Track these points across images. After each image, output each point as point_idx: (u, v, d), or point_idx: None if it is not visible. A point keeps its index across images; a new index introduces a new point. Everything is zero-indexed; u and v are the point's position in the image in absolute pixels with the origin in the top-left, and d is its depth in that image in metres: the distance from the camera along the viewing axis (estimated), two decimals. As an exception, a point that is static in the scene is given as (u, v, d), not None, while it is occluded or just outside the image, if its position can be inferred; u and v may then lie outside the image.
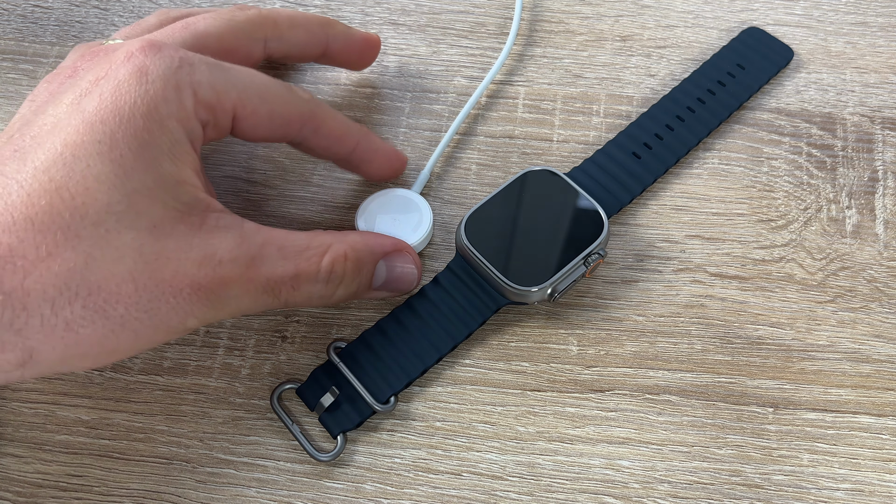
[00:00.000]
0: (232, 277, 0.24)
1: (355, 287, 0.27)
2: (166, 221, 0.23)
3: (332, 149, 0.29)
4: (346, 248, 0.26)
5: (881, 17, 0.37)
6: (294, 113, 0.27)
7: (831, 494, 0.27)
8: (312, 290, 0.26)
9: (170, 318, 0.23)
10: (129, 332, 0.22)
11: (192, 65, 0.24)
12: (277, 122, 0.26)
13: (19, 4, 0.38)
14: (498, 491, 0.27)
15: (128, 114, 0.22)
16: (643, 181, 0.32)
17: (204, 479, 0.27)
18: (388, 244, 0.28)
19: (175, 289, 0.23)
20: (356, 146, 0.29)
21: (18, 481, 0.27)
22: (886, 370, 0.29)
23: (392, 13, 0.37)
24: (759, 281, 0.31)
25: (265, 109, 0.26)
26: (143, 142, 0.22)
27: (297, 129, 0.27)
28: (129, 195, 0.22)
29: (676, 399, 0.28)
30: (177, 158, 0.23)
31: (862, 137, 0.34)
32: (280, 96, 0.26)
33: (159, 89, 0.23)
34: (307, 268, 0.25)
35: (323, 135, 0.28)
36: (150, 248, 0.22)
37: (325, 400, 0.27)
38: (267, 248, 0.25)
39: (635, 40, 0.37)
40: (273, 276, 0.25)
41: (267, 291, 0.25)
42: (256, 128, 0.26)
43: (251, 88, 0.25)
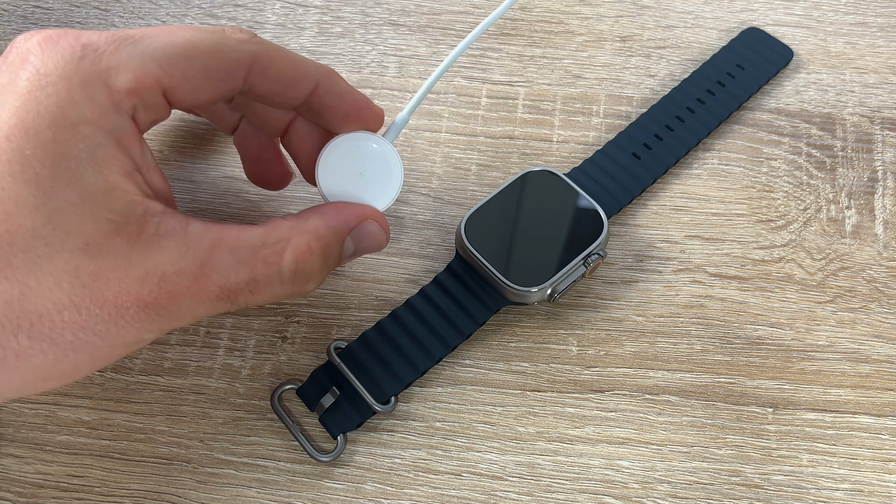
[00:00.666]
0: (180, 290, 0.21)
1: (326, 273, 0.25)
2: (99, 237, 0.20)
3: (287, 93, 0.25)
4: (308, 238, 0.24)
5: (881, 18, 0.37)
6: (232, 61, 0.23)
7: (831, 494, 0.27)
8: (277, 291, 0.23)
9: (123, 336, 0.21)
10: (84, 354, 0.21)
11: (96, 51, 0.21)
12: (217, 77, 0.23)
13: (20, 5, 0.38)
14: (498, 491, 0.27)
15: (33, 126, 0.20)
16: (643, 181, 0.32)
17: (204, 480, 0.27)
18: (351, 219, 0.25)
19: (121, 309, 0.21)
20: (315, 88, 0.25)
21: (19, 482, 0.27)
22: (886, 370, 0.29)
23: (392, 13, 0.37)
24: (759, 281, 0.31)
25: (196, 69, 0.22)
26: (55, 155, 0.20)
27: (243, 77, 0.23)
28: (53, 215, 0.20)
29: (676, 399, 0.28)
30: (100, 165, 0.21)
31: (861, 138, 0.34)
32: (210, 48, 0.22)
33: (62, 91, 0.20)
34: (265, 270, 0.23)
35: (272, 77, 0.24)
36: (86, 270, 0.20)
37: (326, 400, 0.27)
38: (217, 253, 0.22)
39: (635, 41, 0.37)
40: (227, 285, 0.22)
41: (222, 299, 0.22)
42: (196, 92, 0.23)
43: (173, 52, 0.22)
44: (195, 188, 0.33)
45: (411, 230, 0.32)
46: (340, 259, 0.25)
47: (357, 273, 0.31)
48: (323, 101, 0.25)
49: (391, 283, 0.31)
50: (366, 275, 0.31)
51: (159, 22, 0.37)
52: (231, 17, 0.37)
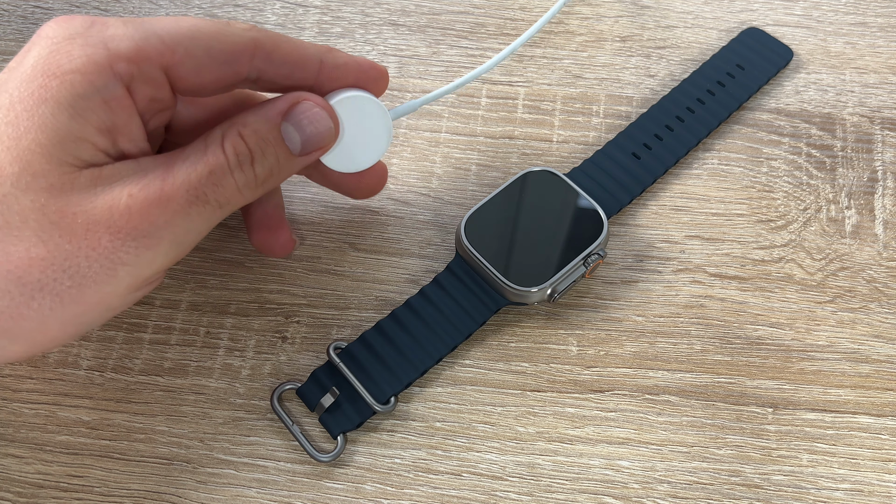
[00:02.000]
0: (150, 204, 0.22)
1: (273, 159, 0.25)
2: (64, 178, 0.21)
3: (295, 75, 0.25)
4: (237, 127, 0.24)
5: (881, 18, 0.37)
6: (237, 45, 0.24)
7: (830, 494, 0.27)
8: (234, 180, 0.24)
9: (96, 273, 0.21)
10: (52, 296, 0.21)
11: (104, 23, 0.22)
12: (221, 59, 0.23)
13: (20, 6, 0.38)
14: (498, 491, 0.27)
15: (28, 73, 0.21)
16: (643, 182, 0.32)
17: (204, 480, 0.27)
18: (281, 103, 0.25)
19: (91, 241, 0.21)
20: (321, 66, 0.26)
21: (19, 482, 0.27)
22: (886, 370, 0.29)
23: (392, 14, 0.37)
24: (759, 281, 0.31)
25: (201, 50, 0.23)
26: (38, 99, 0.21)
27: (248, 62, 0.24)
28: (22, 155, 0.21)
29: (676, 399, 0.28)
30: (77, 114, 0.21)
31: (861, 138, 0.34)
32: (215, 33, 0.23)
33: (63, 47, 0.21)
34: (215, 161, 0.23)
35: (278, 61, 0.25)
36: (53, 207, 0.21)
37: (326, 400, 0.27)
38: (174, 163, 0.23)
39: (635, 41, 0.37)
40: (191, 182, 0.23)
41: (193, 203, 0.23)
42: (199, 73, 0.23)
43: (177, 32, 0.23)
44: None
45: (411, 230, 0.32)
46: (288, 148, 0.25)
47: (357, 273, 0.31)
48: (331, 75, 0.26)
49: (391, 283, 0.31)
50: (366, 275, 0.31)
51: (159, 22, 0.37)
52: (231, 17, 0.37)
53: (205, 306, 0.30)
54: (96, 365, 0.29)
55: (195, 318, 0.30)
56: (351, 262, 0.31)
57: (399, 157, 0.33)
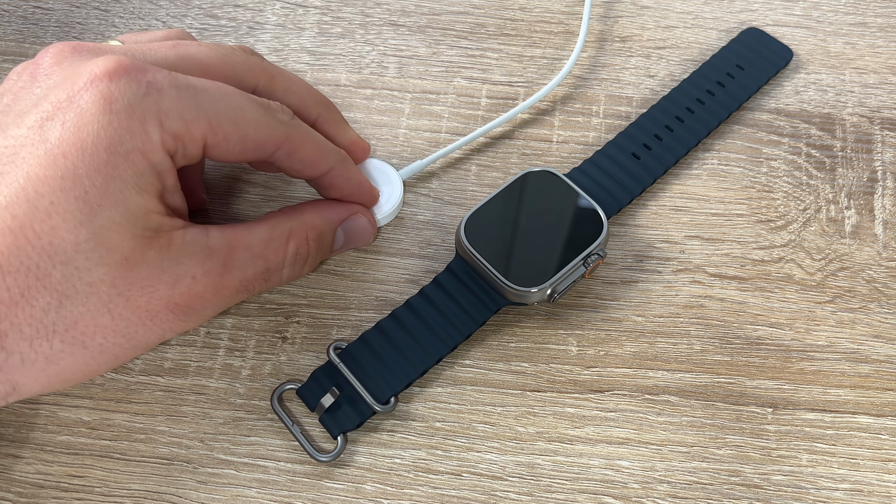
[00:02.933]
0: (207, 289, 0.24)
1: (319, 260, 0.28)
2: (136, 252, 0.22)
3: (304, 172, 0.27)
4: (306, 229, 0.27)
5: (880, 18, 0.37)
6: (269, 137, 0.25)
7: (830, 494, 0.27)
8: (281, 275, 0.27)
9: (147, 337, 0.24)
10: (108, 355, 0.23)
11: (160, 91, 0.23)
12: (250, 146, 0.25)
13: (20, 6, 0.38)
14: (498, 491, 0.27)
15: (91, 147, 0.22)
16: (642, 182, 0.32)
17: (204, 480, 0.27)
18: (343, 212, 0.29)
19: (151, 313, 0.23)
20: (329, 171, 0.28)
21: (19, 482, 0.27)
22: (885, 370, 0.29)
23: (392, 14, 0.37)
24: (759, 281, 0.31)
25: (238, 135, 0.25)
26: (107, 176, 0.22)
27: (271, 152, 0.26)
28: (97, 232, 0.22)
29: (676, 399, 0.28)
30: (142, 190, 0.23)
31: (861, 138, 0.34)
32: (255, 120, 0.25)
33: (124, 121, 0.22)
34: (275, 259, 0.26)
35: (297, 159, 0.27)
36: (123, 281, 0.22)
37: (326, 400, 0.27)
38: (236, 251, 0.25)
39: (635, 41, 0.37)
40: (245, 278, 0.25)
41: (241, 291, 0.26)
42: (228, 153, 0.25)
43: (224, 114, 0.24)
44: (195, 188, 0.33)
45: (411, 230, 0.32)
46: (332, 248, 0.29)
47: (357, 273, 0.31)
48: (332, 182, 0.28)
49: (391, 283, 0.31)
50: (366, 275, 0.31)
51: (159, 23, 0.37)
52: (231, 17, 0.37)
53: (205, 306, 0.30)
54: (97, 365, 0.29)
55: (195, 318, 0.30)
56: (351, 262, 0.31)
57: (399, 157, 0.33)
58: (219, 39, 0.37)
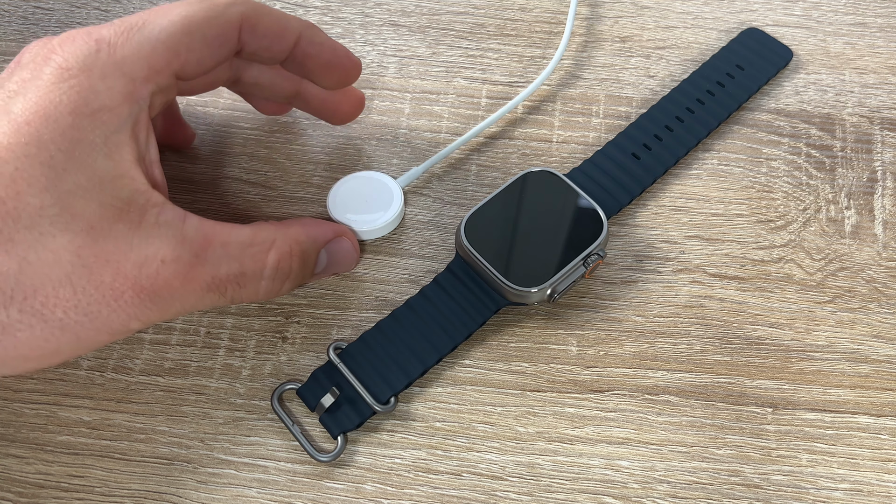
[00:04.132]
0: (175, 278, 0.23)
1: (300, 279, 0.27)
2: (103, 221, 0.22)
3: (274, 47, 0.26)
4: (290, 243, 0.26)
5: (880, 18, 0.37)
6: (225, 24, 0.25)
7: (830, 494, 0.27)
8: (259, 286, 0.26)
9: (111, 320, 0.22)
10: (70, 334, 0.22)
11: (109, 43, 0.22)
12: (215, 43, 0.24)
13: (20, 6, 0.38)
14: (498, 491, 0.27)
15: (54, 112, 0.21)
16: (642, 182, 0.32)
17: (205, 480, 0.27)
18: (328, 232, 0.28)
19: (116, 292, 0.22)
20: (298, 40, 0.26)
21: (20, 482, 0.27)
22: (885, 370, 0.29)
23: (392, 14, 0.37)
24: (758, 281, 0.31)
25: (197, 41, 0.24)
26: (73, 140, 0.21)
27: (237, 37, 0.25)
28: (62, 197, 0.21)
29: (675, 399, 0.28)
30: (112, 152, 0.22)
31: (861, 138, 0.34)
32: (205, 17, 0.24)
33: (84, 82, 0.22)
34: (253, 266, 0.25)
35: (260, 33, 0.25)
36: (88, 251, 0.22)
37: (326, 400, 0.27)
38: (210, 245, 0.24)
39: (635, 41, 0.37)
40: (218, 276, 0.24)
41: (212, 290, 0.24)
42: (201, 62, 0.24)
43: (175, 31, 0.23)
44: (195, 188, 0.33)
45: (411, 230, 0.32)
46: (314, 270, 0.28)
47: (357, 273, 0.31)
48: (305, 51, 0.27)
49: (391, 283, 0.31)
50: (366, 275, 0.31)
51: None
52: (231, 17, 0.37)
53: (205, 306, 0.30)
54: (97, 365, 0.29)
55: (195, 318, 0.30)
56: (351, 263, 0.31)
57: (399, 157, 0.33)
58: (219, 39, 0.37)
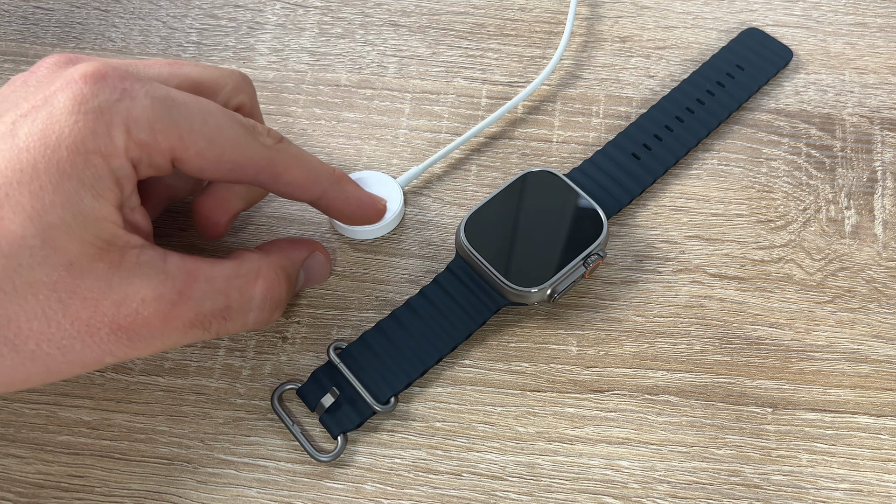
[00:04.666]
0: (155, 317, 0.23)
1: (287, 302, 0.27)
2: (83, 258, 0.22)
3: (295, 195, 0.26)
4: (276, 269, 0.26)
5: (880, 18, 0.37)
6: (248, 160, 0.24)
7: (830, 494, 0.27)
8: (247, 318, 0.25)
9: (84, 355, 0.22)
10: (41, 365, 0.22)
11: (133, 98, 0.22)
12: (227, 166, 0.24)
13: (20, 6, 0.38)
14: (498, 491, 0.27)
15: (54, 144, 0.21)
16: (642, 182, 0.32)
17: (205, 480, 0.27)
18: (304, 250, 0.28)
19: (91, 329, 0.22)
20: (323, 194, 0.27)
21: (20, 482, 0.27)
22: (885, 370, 0.29)
23: (392, 14, 0.37)
24: (758, 281, 0.31)
25: (213, 153, 0.24)
26: (63, 174, 0.21)
27: (252, 175, 0.25)
28: (45, 229, 0.21)
29: (675, 399, 0.28)
30: (99, 195, 0.22)
31: (861, 138, 0.34)
32: (233, 140, 0.24)
33: (90, 122, 0.22)
34: (239, 298, 0.25)
35: (283, 182, 0.26)
36: (65, 286, 0.21)
37: (326, 400, 0.27)
38: (194, 281, 0.23)
39: (635, 41, 0.37)
40: (202, 312, 0.24)
41: (195, 326, 0.24)
42: (203, 170, 0.24)
43: (199, 129, 0.23)
44: (195, 189, 0.33)
45: (411, 230, 0.32)
46: (295, 289, 0.28)
47: (357, 273, 0.31)
48: (331, 204, 0.27)
49: (391, 283, 0.31)
50: (366, 275, 0.31)
51: (159, 23, 0.37)
52: (231, 17, 0.37)
53: (205, 306, 0.30)
54: (97, 365, 0.29)
55: (195, 318, 0.30)
56: (351, 262, 0.31)
57: (399, 157, 0.33)
58: (219, 39, 0.37)
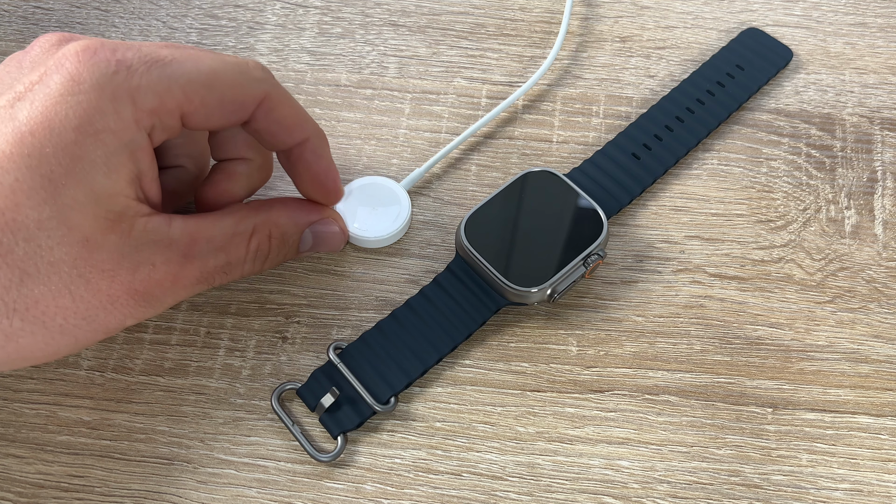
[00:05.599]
0: (166, 278, 0.24)
1: (282, 257, 0.28)
2: (97, 233, 0.22)
3: (279, 136, 0.26)
4: (270, 226, 0.27)
5: (880, 18, 0.37)
6: (247, 96, 0.25)
7: (830, 494, 0.27)
8: (242, 269, 0.27)
9: (108, 321, 0.24)
10: (69, 337, 0.23)
11: (129, 68, 0.22)
12: (230, 107, 0.25)
13: (20, 6, 0.38)
14: (498, 491, 0.27)
15: (59, 126, 0.21)
16: (642, 182, 0.32)
17: (205, 480, 0.27)
18: (313, 215, 0.28)
19: (112, 297, 0.23)
20: (304, 141, 0.27)
21: (20, 482, 0.27)
22: (885, 370, 0.29)
23: (392, 14, 0.37)
24: (758, 281, 0.31)
25: (215, 98, 0.24)
26: (74, 156, 0.22)
27: (251, 110, 0.25)
28: (61, 210, 0.22)
29: (676, 399, 0.28)
30: (111, 171, 0.22)
31: (861, 138, 0.34)
32: (230, 80, 0.24)
33: (93, 100, 0.22)
34: (237, 254, 0.26)
35: (274, 119, 0.26)
36: (85, 262, 0.22)
37: (326, 400, 0.27)
38: (197, 243, 0.25)
39: (635, 41, 0.37)
40: (206, 269, 0.25)
41: (201, 282, 0.26)
42: (208, 119, 0.25)
43: (197, 79, 0.24)
44: (195, 189, 0.33)
45: (411, 230, 0.32)
46: (298, 248, 0.29)
47: (357, 273, 0.31)
48: (303, 155, 0.27)
49: (391, 283, 0.31)
50: (366, 275, 0.31)
51: (159, 23, 0.37)
52: (231, 17, 0.37)
53: (205, 306, 0.30)
54: (97, 365, 0.29)
55: (195, 318, 0.30)
56: (351, 262, 0.31)
57: (399, 157, 0.33)
58: (219, 39, 0.37)
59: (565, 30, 0.36)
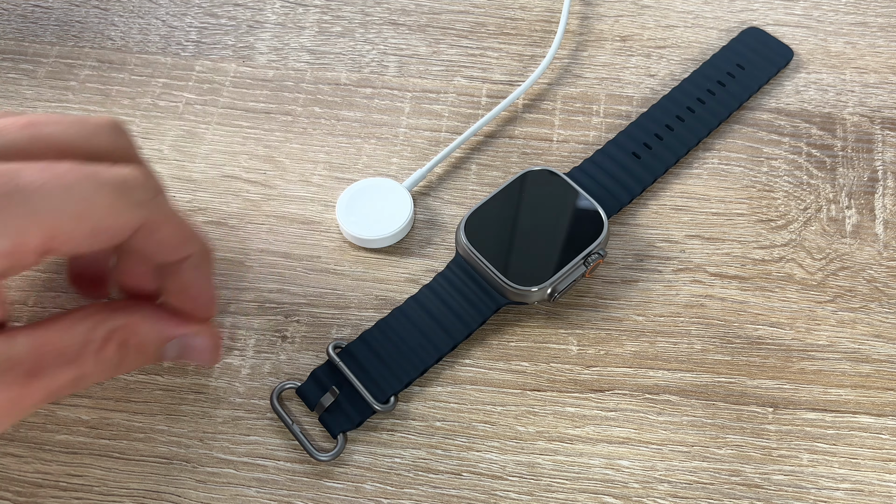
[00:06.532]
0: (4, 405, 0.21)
1: (138, 366, 0.25)
2: None
3: (159, 255, 0.24)
4: (128, 334, 0.24)
5: (881, 18, 0.37)
6: (124, 224, 0.22)
7: (831, 494, 0.27)
8: (94, 379, 0.24)
9: None
10: None
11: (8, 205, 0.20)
12: (102, 237, 0.22)
13: (19, 4, 0.38)
14: (498, 491, 0.27)
15: None
16: (643, 181, 0.32)
17: (204, 479, 0.27)
18: (179, 329, 0.25)
19: None
20: (185, 259, 0.24)
21: (18, 481, 0.27)
22: (886, 370, 0.29)
23: (392, 13, 0.37)
24: (759, 281, 0.31)
25: (84, 230, 0.21)
26: None
27: (127, 237, 0.23)
28: None
29: (676, 399, 0.28)
30: None
31: (861, 137, 0.34)
32: (105, 209, 0.21)
33: None
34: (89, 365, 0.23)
35: (154, 241, 0.23)
36: None
37: (326, 400, 0.27)
38: (45, 358, 0.22)
39: (635, 40, 0.37)
40: (53, 387, 0.22)
41: (45, 401, 0.22)
42: (77, 249, 0.22)
43: (66, 211, 0.21)
44: (195, 188, 0.33)
45: (411, 230, 0.32)
46: (161, 355, 0.25)
47: (357, 273, 0.31)
48: (181, 271, 0.25)
49: (391, 282, 0.31)
50: (366, 274, 0.31)
51: (159, 21, 0.37)
52: (231, 16, 0.37)
53: (204, 305, 0.30)
54: (96, 364, 0.29)
55: (195, 317, 0.30)
56: (351, 262, 0.31)
57: (399, 156, 0.33)
58: (218, 38, 0.37)
59: (563, 28, 0.36)
